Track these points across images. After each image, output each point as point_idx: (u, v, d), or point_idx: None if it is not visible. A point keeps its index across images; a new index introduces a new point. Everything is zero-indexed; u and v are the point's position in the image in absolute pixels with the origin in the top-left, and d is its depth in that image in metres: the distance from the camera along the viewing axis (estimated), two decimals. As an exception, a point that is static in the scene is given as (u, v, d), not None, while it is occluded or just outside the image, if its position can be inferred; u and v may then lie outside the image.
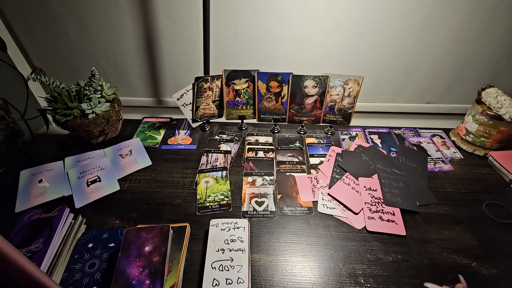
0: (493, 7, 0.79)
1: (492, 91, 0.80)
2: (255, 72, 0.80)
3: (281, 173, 0.74)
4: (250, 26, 0.85)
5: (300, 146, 0.84)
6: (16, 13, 0.86)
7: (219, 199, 0.67)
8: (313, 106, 0.83)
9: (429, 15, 0.81)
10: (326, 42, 0.88)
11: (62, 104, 0.74)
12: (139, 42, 0.90)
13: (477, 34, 0.85)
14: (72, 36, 0.90)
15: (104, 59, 0.95)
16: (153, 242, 0.52)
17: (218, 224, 0.57)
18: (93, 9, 0.84)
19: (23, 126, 0.75)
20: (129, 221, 0.63)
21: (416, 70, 0.94)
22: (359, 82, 0.78)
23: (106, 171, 0.73)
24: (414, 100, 1.02)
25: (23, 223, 0.57)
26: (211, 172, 0.74)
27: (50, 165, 0.74)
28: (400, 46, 0.88)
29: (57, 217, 0.56)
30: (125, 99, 1.03)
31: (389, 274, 0.54)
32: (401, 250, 0.57)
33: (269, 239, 0.60)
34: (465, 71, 0.94)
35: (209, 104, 0.85)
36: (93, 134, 0.79)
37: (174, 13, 0.83)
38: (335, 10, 0.81)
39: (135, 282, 0.47)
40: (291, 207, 0.66)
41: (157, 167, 0.77)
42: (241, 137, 0.87)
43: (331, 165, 0.76)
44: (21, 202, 0.65)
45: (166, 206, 0.66)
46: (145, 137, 0.87)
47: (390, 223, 0.62)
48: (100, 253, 0.56)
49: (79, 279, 0.52)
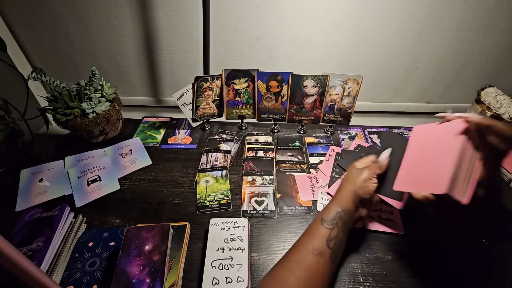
0: (493, 6, 0.79)
1: (492, 90, 0.80)
2: (255, 71, 0.80)
3: (280, 172, 0.75)
4: (250, 25, 0.85)
5: (299, 145, 0.84)
6: (16, 13, 0.86)
7: (219, 198, 0.67)
8: (312, 105, 0.83)
9: (429, 15, 0.81)
10: (325, 41, 0.88)
11: (62, 104, 0.74)
12: (139, 42, 0.91)
13: (477, 33, 0.85)
14: (73, 36, 0.90)
15: (105, 58, 0.95)
16: (153, 241, 0.52)
17: (218, 223, 0.57)
18: (94, 8, 0.84)
19: (23, 126, 0.75)
20: (129, 220, 0.63)
21: (416, 70, 0.94)
22: (359, 81, 0.78)
23: (106, 171, 0.73)
24: (413, 99, 1.02)
25: (23, 222, 0.57)
26: (211, 171, 0.74)
27: (51, 164, 0.74)
28: (400, 45, 0.88)
29: (58, 216, 0.57)
30: (126, 99, 1.04)
31: (388, 273, 0.54)
32: (400, 249, 0.58)
33: (269, 238, 0.60)
34: (464, 71, 0.94)
35: (209, 103, 0.85)
36: (93, 134, 0.79)
37: (174, 12, 0.84)
38: (335, 9, 0.81)
39: (136, 281, 0.47)
40: (291, 206, 0.66)
41: (157, 167, 0.77)
42: (241, 137, 0.87)
43: (331, 165, 0.76)
44: (22, 201, 0.66)
45: (166, 205, 0.66)
46: (145, 137, 0.87)
47: (388, 222, 0.62)
48: (100, 252, 0.56)
49: (79, 277, 0.52)
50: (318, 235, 0.45)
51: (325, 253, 0.43)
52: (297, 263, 0.42)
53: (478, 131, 0.39)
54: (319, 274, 0.42)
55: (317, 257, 0.42)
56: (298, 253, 0.44)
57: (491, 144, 0.39)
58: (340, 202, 0.48)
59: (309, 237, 0.46)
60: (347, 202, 0.48)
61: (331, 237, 0.44)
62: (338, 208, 0.47)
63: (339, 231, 0.45)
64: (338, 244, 0.45)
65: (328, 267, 0.43)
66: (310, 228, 0.48)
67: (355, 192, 0.49)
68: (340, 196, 0.49)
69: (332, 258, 0.43)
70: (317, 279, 0.41)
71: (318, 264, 0.42)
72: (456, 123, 0.42)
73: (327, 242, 0.44)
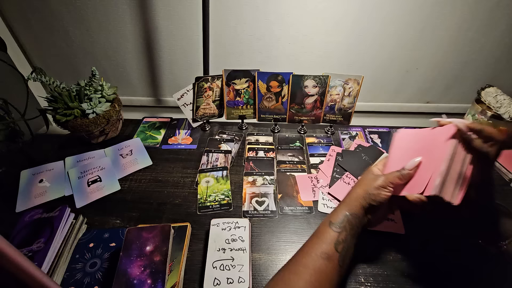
0: (493, 6, 0.79)
1: (492, 90, 0.80)
2: (255, 72, 0.80)
3: (281, 172, 0.75)
4: (250, 25, 0.85)
5: (300, 145, 0.84)
6: (16, 12, 0.85)
7: (220, 199, 0.67)
8: (313, 105, 0.83)
9: (429, 15, 0.81)
10: (326, 41, 0.88)
11: (62, 104, 0.74)
12: (139, 42, 0.90)
13: (477, 33, 0.85)
14: (73, 36, 0.90)
15: (105, 58, 0.95)
16: (154, 241, 0.52)
17: (219, 224, 0.57)
18: (94, 8, 0.84)
19: (23, 126, 0.75)
20: (130, 220, 0.63)
21: (416, 70, 0.94)
22: (359, 81, 0.78)
23: (106, 171, 0.73)
24: (414, 99, 1.02)
25: (24, 223, 0.57)
26: (212, 171, 0.74)
27: (51, 165, 0.74)
28: (400, 45, 0.88)
29: (58, 217, 0.56)
30: (126, 99, 1.03)
31: (389, 273, 0.54)
32: (401, 249, 0.58)
33: (270, 239, 0.60)
34: (464, 71, 0.94)
35: (209, 104, 0.85)
36: (93, 134, 0.79)
37: (174, 12, 0.83)
38: (335, 9, 0.81)
39: (137, 282, 0.47)
40: (292, 206, 0.66)
41: (158, 167, 0.77)
42: (241, 137, 0.87)
43: (331, 165, 0.76)
44: (22, 202, 0.65)
45: (167, 205, 0.66)
46: (146, 137, 0.87)
47: (389, 221, 0.62)
48: (101, 252, 0.56)
49: (80, 278, 0.52)
50: (326, 238, 0.44)
51: (333, 257, 0.42)
52: (305, 267, 0.42)
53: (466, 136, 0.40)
54: (328, 278, 0.41)
55: (325, 261, 0.42)
56: (306, 257, 0.43)
57: (482, 147, 0.40)
58: (349, 206, 0.47)
59: (317, 240, 0.45)
60: (355, 206, 0.47)
61: (340, 240, 0.44)
62: (346, 212, 0.46)
63: (348, 235, 0.45)
64: (347, 248, 0.44)
65: (336, 271, 0.42)
66: (318, 231, 0.47)
67: (364, 198, 0.47)
68: (349, 200, 0.49)
69: (341, 263, 0.43)
70: (325, 283, 0.41)
71: (327, 268, 0.41)
72: (447, 128, 0.43)
73: (335, 246, 0.43)
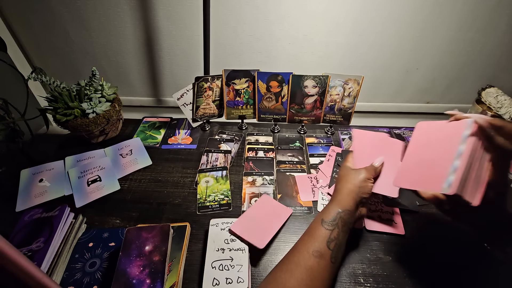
0: (493, 6, 0.79)
1: (492, 91, 0.80)
2: (255, 72, 0.80)
3: (281, 172, 0.75)
4: (250, 26, 0.85)
5: (300, 146, 0.84)
6: (16, 12, 0.86)
7: (219, 199, 0.67)
8: (313, 106, 0.83)
9: (429, 15, 0.81)
10: (326, 41, 0.88)
11: (62, 104, 0.74)
12: (139, 42, 0.90)
13: (477, 34, 0.85)
14: (73, 36, 0.90)
15: (105, 58, 0.95)
16: (153, 241, 0.52)
17: (218, 224, 0.57)
18: (94, 8, 0.84)
19: (23, 126, 0.75)
20: (129, 220, 0.63)
21: (416, 70, 0.94)
22: (359, 82, 0.78)
23: (106, 171, 0.73)
24: (414, 100, 1.02)
25: (23, 222, 0.57)
26: (211, 171, 0.74)
27: (51, 164, 0.74)
28: (400, 46, 0.88)
29: (58, 217, 0.57)
30: (126, 99, 1.03)
31: (389, 274, 0.54)
32: (401, 250, 0.58)
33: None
34: (465, 71, 0.94)
35: (209, 103, 0.85)
36: (93, 134, 0.79)
37: (174, 12, 0.83)
38: (335, 10, 0.81)
39: (136, 281, 0.47)
40: (291, 206, 0.66)
41: (158, 167, 0.77)
42: (241, 137, 0.87)
43: (331, 165, 0.76)
44: (22, 202, 0.66)
45: (167, 205, 0.66)
46: (145, 137, 0.87)
47: (389, 222, 0.62)
48: (100, 252, 0.56)
49: (79, 278, 0.52)
50: (318, 236, 0.45)
51: (325, 254, 0.43)
52: (297, 265, 0.42)
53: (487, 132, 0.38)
54: (320, 276, 0.41)
55: (317, 259, 0.42)
56: (299, 255, 0.44)
57: (502, 145, 0.38)
58: (341, 203, 0.48)
59: (309, 238, 0.45)
60: (348, 202, 0.48)
61: (332, 238, 0.44)
62: (338, 209, 0.47)
63: (340, 232, 0.45)
64: (339, 245, 0.45)
65: (329, 268, 0.43)
66: (310, 229, 0.47)
67: (356, 192, 0.49)
68: (340, 197, 0.49)
69: (333, 260, 0.43)
70: (317, 281, 0.41)
71: (319, 266, 0.42)
72: (464, 123, 0.41)
73: (327, 244, 0.44)
